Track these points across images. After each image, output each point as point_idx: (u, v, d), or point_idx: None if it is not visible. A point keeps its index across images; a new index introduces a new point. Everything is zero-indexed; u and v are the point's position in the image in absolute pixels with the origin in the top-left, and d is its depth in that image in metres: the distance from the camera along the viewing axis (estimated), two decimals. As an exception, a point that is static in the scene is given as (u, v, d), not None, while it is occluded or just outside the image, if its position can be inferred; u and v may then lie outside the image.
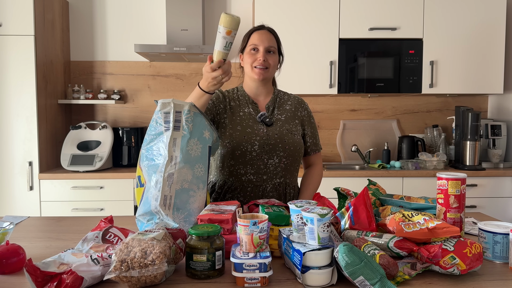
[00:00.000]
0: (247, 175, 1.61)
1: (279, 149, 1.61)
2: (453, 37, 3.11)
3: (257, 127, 1.63)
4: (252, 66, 1.61)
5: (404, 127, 3.53)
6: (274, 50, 1.62)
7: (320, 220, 0.97)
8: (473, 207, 2.93)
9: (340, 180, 2.89)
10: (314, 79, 3.11)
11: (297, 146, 1.65)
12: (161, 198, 1.22)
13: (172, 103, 1.29)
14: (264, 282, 0.96)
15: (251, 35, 1.63)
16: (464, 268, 0.97)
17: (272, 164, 1.62)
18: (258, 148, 1.59)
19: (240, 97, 1.69)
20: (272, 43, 1.62)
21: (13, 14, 2.75)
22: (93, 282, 0.95)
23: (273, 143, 1.61)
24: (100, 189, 2.86)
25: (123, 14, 3.38)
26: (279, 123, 1.66)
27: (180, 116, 1.29)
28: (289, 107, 1.72)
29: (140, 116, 3.44)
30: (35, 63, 2.80)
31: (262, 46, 1.59)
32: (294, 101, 1.75)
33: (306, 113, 1.76)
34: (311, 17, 3.08)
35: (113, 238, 1.14)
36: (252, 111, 1.66)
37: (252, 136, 1.60)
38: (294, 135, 1.66)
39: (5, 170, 2.82)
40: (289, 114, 1.70)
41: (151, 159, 1.29)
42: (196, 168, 1.29)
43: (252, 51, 1.61)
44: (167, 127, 1.27)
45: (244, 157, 1.59)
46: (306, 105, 1.79)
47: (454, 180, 1.14)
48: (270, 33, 1.64)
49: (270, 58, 1.61)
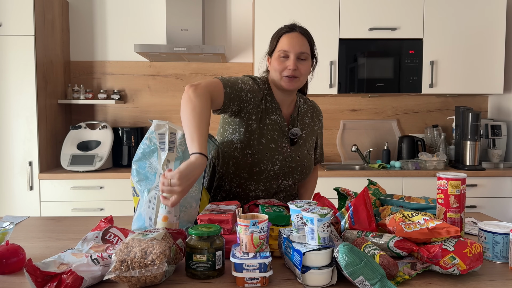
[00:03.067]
0: (256, 191, 1.50)
1: (297, 172, 1.51)
2: (453, 37, 3.11)
3: (281, 143, 1.47)
4: (282, 75, 1.42)
5: (404, 127, 3.53)
6: (306, 56, 1.42)
7: (320, 220, 0.97)
8: (473, 207, 2.93)
9: (340, 180, 2.89)
10: (314, 79, 3.08)
11: (311, 167, 1.57)
12: (155, 217, 1.23)
13: (167, 126, 1.29)
14: (264, 282, 0.96)
15: (281, 38, 1.43)
16: (464, 268, 0.97)
17: (285, 185, 1.53)
18: (278, 169, 1.46)
19: (268, 98, 1.48)
20: (304, 48, 1.41)
21: (13, 14, 2.75)
22: (93, 282, 0.95)
23: (293, 166, 1.49)
24: (100, 189, 2.86)
25: (123, 14, 3.38)
26: (300, 142, 1.52)
27: (175, 138, 1.29)
28: (308, 120, 1.57)
29: (140, 116, 3.44)
30: (35, 63, 2.80)
31: (293, 53, 1.40)
32: (312, 112, 1.60)
33: (321, 125, 1.66)
34: (311, 17, 3.08)
35: (113, 238, 1.14)
36: (279, 119, 1.49)
37: (275, 155, 1.45)
38: (311, 155, 1.56)
39: (5, 170, 2.82)
40: (309, 129, 1.56)
41: (143, 175, 1.29)
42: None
43: (281, 58, 1.41)
44: (162, 148, 1.28)
45: (260, 175, 1.46)
46: (321, 116, 1.66)
47: (454, 180, 1.14)
48: (302, 36, 1.43)
49: (301, 66, 1.42)
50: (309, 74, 1.51)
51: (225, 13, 3.42)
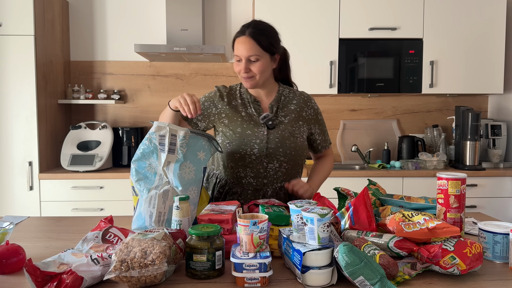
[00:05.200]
0: (247, 178, 1.59)
1: (280, 154, 1.58)
2: (453, 37, 3.11)
3: (258, 130, 1.58)
4: (241, 76, 1.57)
5: (404, 127, 3.53)
6: (256, 57, 1.52)
7: (320, 220, 0.97)
8: (473, 207, 2.93)
9: (340, 180, 2.89)
10: (314, 79, 3.11)
11: (298, 150, 1.62)
12: (156, 215, 1.23)
13: (168, 127, 1.30)
14: (264, 282, 0.96)
15: (234, 43, 1.56)
16: (464, 268, 0.97)
17: (272, 168, 1.59)
18: (257, 151, 1.56)
19: (243, 95, 1.65)
20: (252, 51, 1.51)
21: (13, 14, 2.75)
22: (93, 282, 0.95)
23: (273, 147, 1.57)
24: (100, 189, 2.86)
25: (123, 14, 3.38)
26: (281, 126, 1.60)
27: (175, 140, 1.30)
28: (294, 107, 1.65)
29: (140, 116, 3.44)
30: (35, 63, 2.80)
31: (243, 57, 1.52)
32: (299, 99, 1.67)
33: (313, 111, 1.69)
34: (311, 17, 3.08)
35: (113, 238, 1.14)
36: (255, 111, 1.61)
37: (252, 139, 1.56)
38: (296, 138, 1.61)
39: (5, 170, 2.82)
40: (293, 115, 1.63)
41: (143, 175, 1.29)
42: (189, 191, 1.30)
43: (237, 62, 1.56)
44: (162, 149, 1.29)
45: (244, 160, 1.57)
46: (313, 102, 1.71)
47: (454, 180, 1.14)
48: (250, 38, 1.51)
49: (253, 66, 1.53)
50: (272, 67, 1.60)
51: (225, 13, 3.42)
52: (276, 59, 1.60)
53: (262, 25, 1.56)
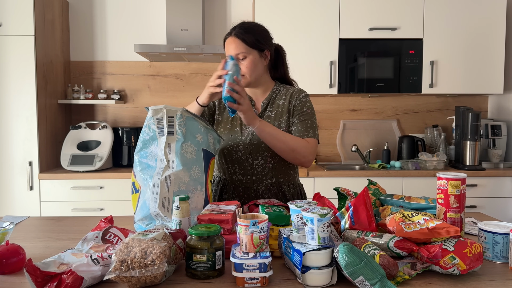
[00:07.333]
0: (236, 174, 1.64)
1: (263, 149, 1.59)
2: (453, 37, 3.11)
3: (245, 126, 1.62)
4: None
5: (404, 127, 3.53)
6: (244, 55, 1.54)
7: (320, 220, 0.97)
8: (473, 207, 2.93)
9: (340, 180, 2.89)
10: (314, 79, 3.11)
11: None
12: (159, 201, 1.23)
13: (165, 109, 1.29)
14: (264, 282, 0.96)
15: (224, 45, 1.60)
16: (464, 268, 0.97)
17: (258, 165, 1.61)
18: (242, 148, 1.61)
19: None
20: (238, 49, 1.53)
21: (13, 14, 2.75)
22: (93, 282, 0.95)
23: (256, 143, 1.59)
24: (100, 189, 2.86)
25: (123, 14, 3.38)
26: (267, 121, 1.59)
27: (173, 121, 1.30)
28: (282, 101, 1.63)
29: (140, 116, 3.44)
30: (35, 63, 2.80)
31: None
32: (288, 94, 1.64)
33: (298, 102, 1.61)
34: (311, 17, 3.08)
35: (113, 238, 1.14)
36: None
37: (238, 136, 1.61)
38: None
39: (5, 170, 2.82)
40: (280, 109, 1.62)
41: (145, 164, 1.29)
42: (192, 170, 1.30)
43: None
44: (161, 132, 1.29)
45: (231, 157, 1.63)
46: (302, 95, 1.62)
47: (454, 180, 1.14)
48: (235, 38, 1.54)
49: (242, 65, 1.54)
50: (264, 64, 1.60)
51: (225, 13, 3.42)
52: (266, 56, 1.60)
53: (248, 24, 1.59)
